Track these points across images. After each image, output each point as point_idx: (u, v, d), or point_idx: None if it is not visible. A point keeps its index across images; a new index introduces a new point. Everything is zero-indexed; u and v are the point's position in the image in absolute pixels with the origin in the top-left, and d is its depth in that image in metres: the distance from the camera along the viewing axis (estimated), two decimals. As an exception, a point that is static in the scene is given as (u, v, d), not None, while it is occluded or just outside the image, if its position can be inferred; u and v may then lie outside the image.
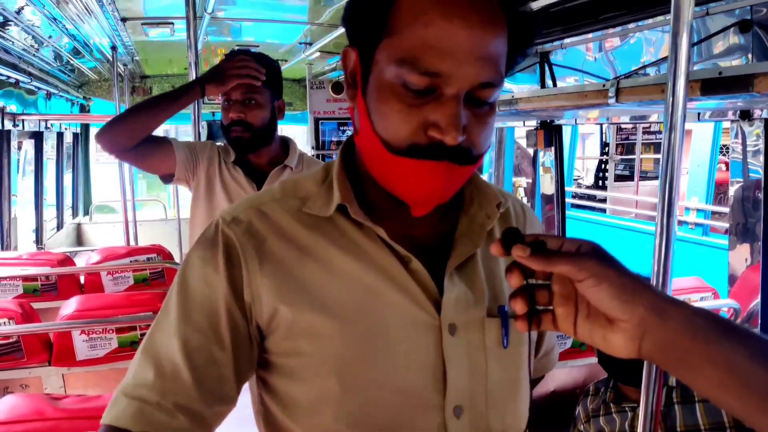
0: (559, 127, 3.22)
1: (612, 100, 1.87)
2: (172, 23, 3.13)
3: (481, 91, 0.66)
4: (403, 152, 0.68)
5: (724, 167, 5.91)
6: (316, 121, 4.97)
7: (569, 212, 5.45)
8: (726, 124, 4.29)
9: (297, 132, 7.28)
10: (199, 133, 2.21)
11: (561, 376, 2.14)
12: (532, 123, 3.37)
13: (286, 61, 4.51)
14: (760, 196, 2.43)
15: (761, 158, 2.34)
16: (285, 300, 0.73)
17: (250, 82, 1.74)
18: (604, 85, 1.89)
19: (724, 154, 6.07)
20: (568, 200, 6.04)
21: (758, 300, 2.36)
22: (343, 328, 0.73)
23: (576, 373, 2.17)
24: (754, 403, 0.54)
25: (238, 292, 0.74)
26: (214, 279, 0.74)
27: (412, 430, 0.74)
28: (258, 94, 1.76)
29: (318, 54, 4.01)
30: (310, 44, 3.74)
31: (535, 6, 2.17)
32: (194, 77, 2.12)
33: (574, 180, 8.44)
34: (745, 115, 2.21)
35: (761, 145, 2.31)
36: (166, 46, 4.03)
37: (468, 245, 0.77)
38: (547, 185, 3.40)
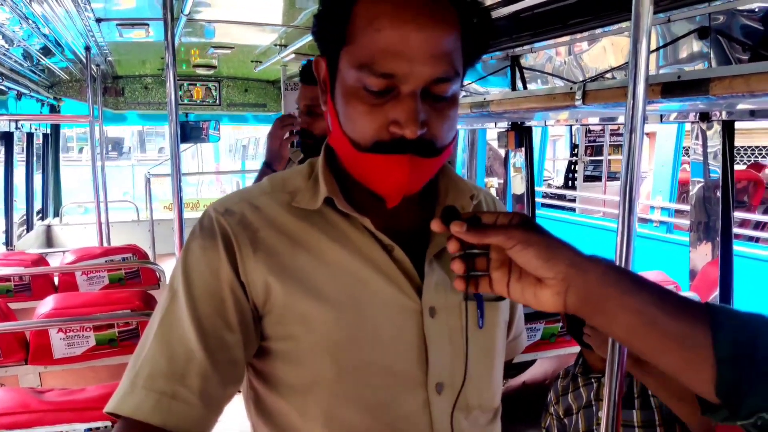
0: (530, 129, 3.30)
1: (579, 102, 1.95)
2: (148, 24, 3.13)
3: (437, 86, 0.71)
4: (368, 149, 0.73)
5: (687, 167, 6.10)
6: (291, 122, 4.98)
7: (539, 211, 5.57)
8: (688, 126, 4.44)
9: (271, 132, 7.26)
10: (176, 132, 2.23)
11: (531, 368, 2.22)
12: (504, 125, 3.45)
13: (260, 62, 4.52)
14: (719, 195, 2.55)
15: (719, 159, 2.45)
16: (278, 283, 0.77)
17: (293, 138, 2.02)
18: (571, 88, 1.97)
19: (687, 155, 6.26)
20: (539, 200, 6.16)
21: (717, 293, 2.48)
22: (334, 313, 0.78)
23: (546, 365, 2.24)
24: (658, 343, 0.63)
25: (238, 276, 0.77)
26: (217, 265, 0.77)
27: (399, 406, 0.79)
28: (319, 105, 1.93)
29: (293, 56, 4.03)
30: (285, 46, 3.77)
31: (505, 11, 2.26)
32: (171, 78, 2.14)
33: (545, 180, 8.60)
34: (704, 117, 2.32)
35: (719, 147, 2.43)
36: (139, 47, 4.02)
37: (444, 235, 0.83)
38: (518, 185, 3.48)
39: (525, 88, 3.06)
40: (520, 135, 3.17)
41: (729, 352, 0.60)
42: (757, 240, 4.77)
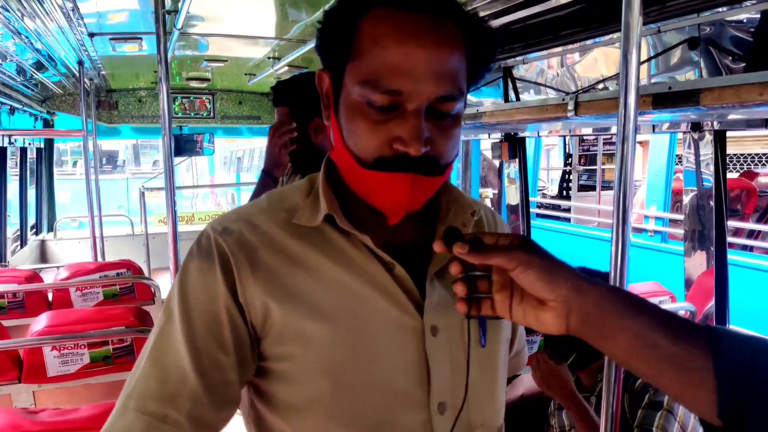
0: (523, 140, 3.32)
1: (571, 114, 1.96)
2: (141, 38, 3.14)
3: (442, 104, 0.72)
4: (371, 165, 0.73)
5: (680, 176, 6.14)
6: (285, 134, 4.98)
7: (534, 222, 5.59)
8: (680, 135, 4.47)
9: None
10: (170, 146, 2.23)
11: (529, 380, 2.21)
12: (497, 136, 3.47)
13: (254, 75, 4.53)
14: (712, 204, 2.56)
15: (711, 168, 2.46)
16: (276, 304, 0.77)
17: (288, 140, 1.99)
18: (563, 100, 1.98)
19: (680, 164, 6.30)
20: (533, 210, 6.17)
21: (713, 303, 2.48)
22: (333, 332, 0.77)
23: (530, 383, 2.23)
24: (658, 365, 0.64)
25: (235, 297, 0.77)
26: (213, 287, 0.77)
27: (400, 426, 0.79)
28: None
29: (286, 68, 4.05)
30: (278, 59, 3.78)
31: (497, 23, 2.28)
32: (165, 92, 2.15)
33: (539, 190, 8.62)
34: (696, 127, 2.34)
35: (711, 156, 2.44)
36: (133, 61, 4.02)
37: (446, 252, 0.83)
38: (513, 196, 3.50)
39: (517, 98, 3.07)
40: (514, 146, 3.18)
41: (730, 375, 0.60)
42: (751, 249, 4.79)
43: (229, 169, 15.12)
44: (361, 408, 0.78)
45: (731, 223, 4.84)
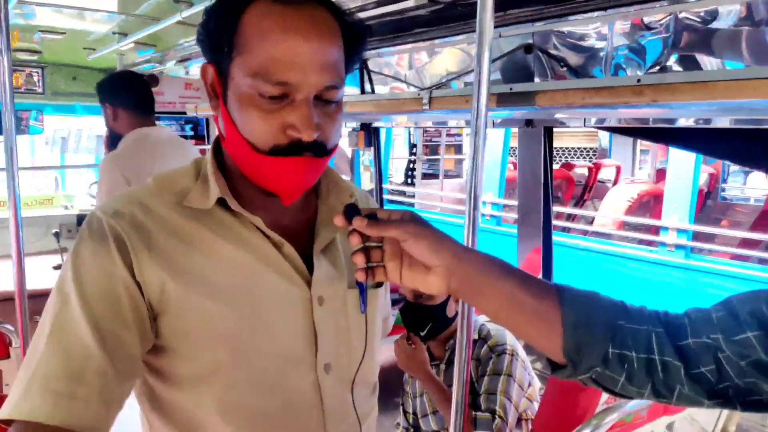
0: (378, 129, 3.49)
1: (426, 107, 2.14)
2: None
3: (327, 92, 0.80)
4: (268, 152, 0.79)
5: (512, 167, 6.79)
6: (129, 114, 4.69)
7: (386, 207, 5.84)
8: (514, 130, 4.96)
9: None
10: (12, 123, 2.06)
11: (386, 351, 2.37)
12: (352, 125, 3.60)
13: (94, 50, 4.22)
14: (541, 191, 2.92)
15: (541, 160, 2.81)
16: (173, 283, 0.80)
17: None
18: (419, 94, 2.15)
19: (512, 156, 6.96)
20: (385, 197, 6.46)
21: (540, 276, 2.84)
22: (230, 307, 0.82)
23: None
24: (521, 317, 0.78)
25: (133, 276, 0.79)
26: (110, 268, 0.78)
27: (292, 387, 0.86)
28: None
29: (132, 45, 3.83)
30: (125, 35, 3.57)
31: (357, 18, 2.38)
32: (5, 64, 1.98)
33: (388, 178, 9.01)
34: (529, 123, 2.65)
35: (540, 149, 2.78)
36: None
37: (329, 231, 0.92)
38: (367, 182, 3.66)
39: (372, 90, 3.22)
40: (370, 135, 3.33)
41: (572, 323, 0.75)
42: (568, 230, 5.46)
43: (52, 150, 13.72)
44: (257, 374, 0.84)
45: (554, 208, 5.48)
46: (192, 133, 5.01)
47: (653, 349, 0.73)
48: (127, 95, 2.43)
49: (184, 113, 4.72)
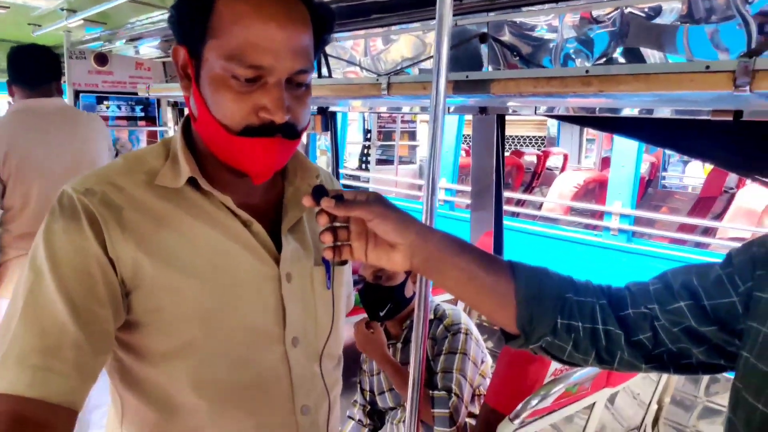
0: (334, 114, 3.50)
1: (384, 93, 2.17)
2: None
3: (297, 76, 0.82)
4: (240, 133, 0.81)
5: (464, 153, 6.92)
6: (76, 93, 4.56)
7: (339, 192, 5.86)
8: (467, 117, 5.05)
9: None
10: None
11: (347, 331, 2.42)
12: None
13: (39, 26, 4.06)
14: (493, 177, 3.01)
15: (493, 146, 2.89)
16: (146, 260, 0.82)
17: None
18: (377, 80, 2.18)
19: (465, 142, 7.09)
20: (340, 181, 6.48)
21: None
22: (202, 283, 0.85)
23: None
24: (477, 292, 0.83)
25: (106, 252, 0.80)
26: (83, 244, 0.79)
27: (262, 360, 0.90)
28: None
29: (81, 22, 3.71)
30: (74, 12, 3.45)
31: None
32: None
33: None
34: (483, 111, 2.72)
35: (493, 136, 2.87)
36: None
37: (296, 210, 0.95)
38: (323, 167, 3.68)
39: (330, 74, 3.24)
40: (326, 119, 3.34)
41: (524, 296, 0.81)
42: (517, 215, 5.62)
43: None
44: (229, 348, 0.87)
45: (504, 194, 5.64)
46: (142, 114, 4.89)
47: (597, 319, 0.80)
48: (18, 70, 2.43)
49: (135, 94, 4.60)
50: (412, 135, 9.82)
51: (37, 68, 2.44)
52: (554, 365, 1.59)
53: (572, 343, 0.81)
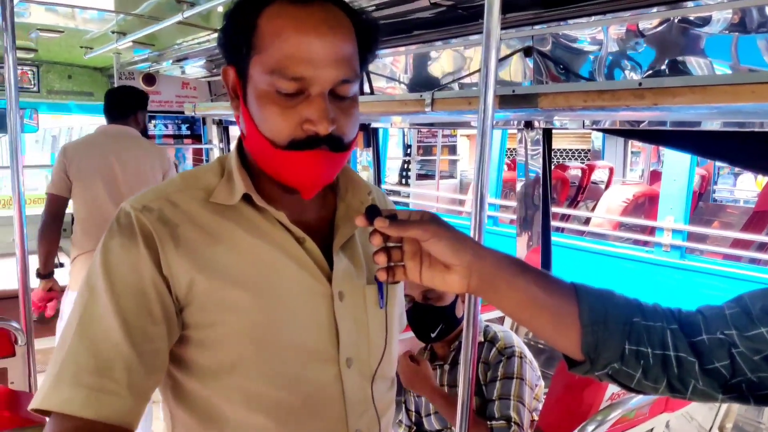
0: (377, 130, 3.51)
1: (428, 109, 2.15)
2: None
3: (341, 87, 0.81)
4: (286, 147, 0.81)
5: (506, 168, 6.84)
6: (126, 113, 4.68)
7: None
8: (510, 131, 4.99)
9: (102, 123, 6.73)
10: (16, 122, 2.06)
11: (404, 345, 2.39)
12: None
13: (91, 48, 4.21)
14: (539, 192, 2.95)
15: (540, 160, 2.84)
16: (200, 277, 0.82)
17: None
18: (421, 96, 2.17)
19: (508, 157, 7.01)
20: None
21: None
22: (254, 299, 0.84)
23: (402, 347, 2.43)
24: (540, 315, 0.80)
25: (160, 271, 0.81)
26: (138, 262, 0.80)
27: (314, 380, 0.88)
28: None
29: (130, 44, 3.83)
30: (124, 34, 3.57)
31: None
32: (11, 62, 1.99)
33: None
34: (528, 125, 2.68)
35: (540, 150, 2.81)
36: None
37: (348, 227, 0.94)
38: (366, 182, 3.68)
39: (372, 90, 3.24)
40: (369, 135, 3.35)
41: (588, 319, 0.77)
42: (563, 230, 5.51)
43: (42, 149, 13.64)
44: (280, 366, 0.86)
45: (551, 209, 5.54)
46: (188, 132, 5.00)
47: (668, 345, 0.75)
48: (105, 104, 3.22)
49: (182, 112, 4.71)
50: (452, 149, 9.78)
51: (114, 104, 3.19)
52: (611, 389, 1.53)
53: (641, 371, 0.76)
